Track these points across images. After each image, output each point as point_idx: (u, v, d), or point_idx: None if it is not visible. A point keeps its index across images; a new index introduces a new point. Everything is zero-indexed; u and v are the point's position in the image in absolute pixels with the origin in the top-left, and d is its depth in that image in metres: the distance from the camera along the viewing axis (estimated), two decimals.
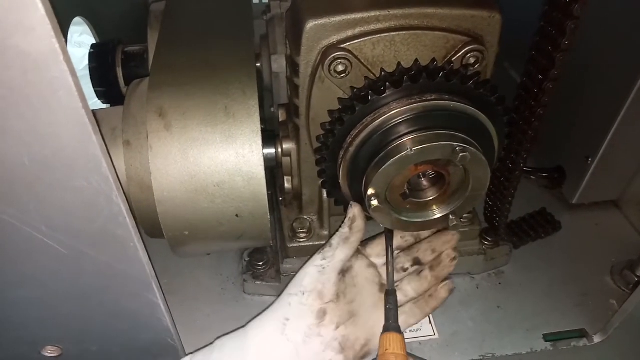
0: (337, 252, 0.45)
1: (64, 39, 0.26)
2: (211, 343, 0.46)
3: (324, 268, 0.44)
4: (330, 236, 0.47)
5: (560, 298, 0.59)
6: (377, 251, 0.50)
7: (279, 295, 0.47)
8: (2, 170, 0.29)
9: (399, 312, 0.45)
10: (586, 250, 0.65)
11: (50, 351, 0.43)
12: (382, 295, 0.47)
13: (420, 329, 0.55)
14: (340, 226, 0.46)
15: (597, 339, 0.55)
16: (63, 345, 0.43)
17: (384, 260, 0.49)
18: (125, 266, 0.37)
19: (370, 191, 0.43)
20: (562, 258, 0.63)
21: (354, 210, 0.45)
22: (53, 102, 0.27)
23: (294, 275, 0.47)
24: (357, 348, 0.45)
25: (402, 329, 0.45)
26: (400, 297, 0.48)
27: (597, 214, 0.69)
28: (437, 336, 0.55)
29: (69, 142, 0.29)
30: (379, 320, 0.45)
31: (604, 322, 0.55)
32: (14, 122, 0.27)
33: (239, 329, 0.46)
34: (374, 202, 0.43)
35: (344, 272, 0.47)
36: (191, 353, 0.46)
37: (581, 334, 0.56)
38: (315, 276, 0.44)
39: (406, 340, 0.53)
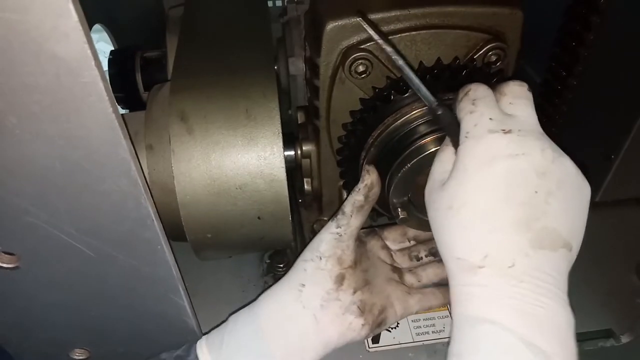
0: (352, 221, 0.43)
1: (94, 45, 0.26)
2: (224, 320, 0.45)
3: (340, 235, 0.43)
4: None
5: (584, 297, 0.58)
6: (393, 236, 0.50)
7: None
8: (33, 174, 0.30)
9: (419, 294, 0.46)
10: (610, 248, 0.63)
11: (78, 354, 0.43)
12: (394, 276, 0.47)
13: (443, 330, 0.55)
14: (353, 191, 0.44)
15: (624, 339, 0.54)
16: (90, 347, 0.43)
17: (399, 246, 0.50)
18: (152, 268, 0.37)
19: (394, 191, 0.43)
20: (585, 257, 0.61)
21: (372, 176, 0.41)
22: (84, 107, 0.27)
23: None
24: (375, 312, 0.45)
25: (415, 309, 0.46)
26: (413, 280, 0.48)
27: (621, 212, 0.67)
28: None
29: (99, 145, 0.29)
30: (393, 292, 0.46)
31: (631, 322, 0.54)
32: (46, 125, 0.28)
33: (251, 302, 0.45)
34: (397, 201, 0.43)
35: (359, 240, 0.46)
36: (205, 333, 0.45)
37: (607, 334, 0.55)
38: (332, 242, 0.43)
39: (430, 342, 0.53)
